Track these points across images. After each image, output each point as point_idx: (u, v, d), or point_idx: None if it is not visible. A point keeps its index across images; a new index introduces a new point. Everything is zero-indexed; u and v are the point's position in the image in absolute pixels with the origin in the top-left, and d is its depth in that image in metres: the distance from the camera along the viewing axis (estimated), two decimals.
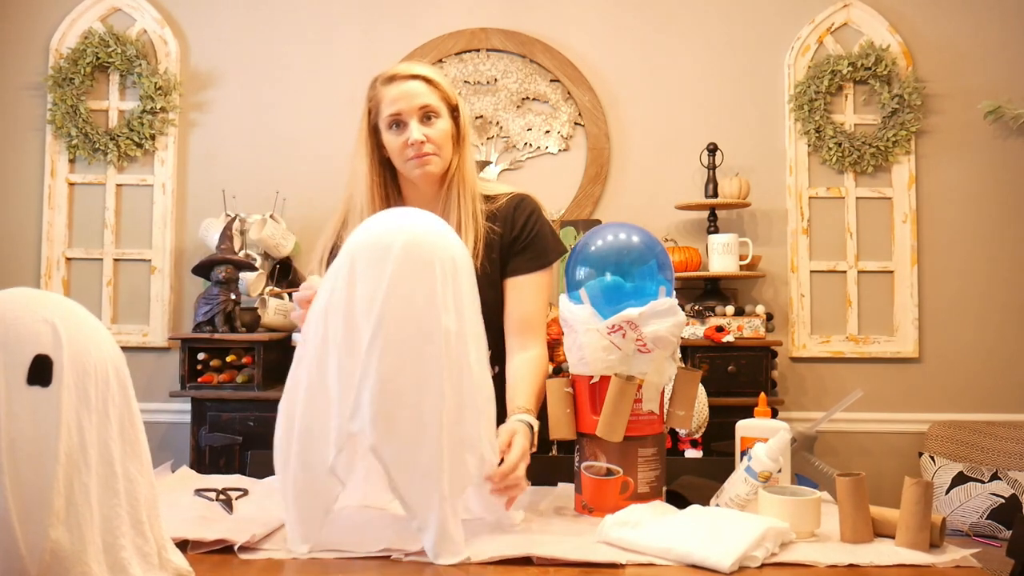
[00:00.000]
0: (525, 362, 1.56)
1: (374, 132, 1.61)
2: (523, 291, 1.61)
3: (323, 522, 1.20)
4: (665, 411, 1.44)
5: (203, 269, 2.91)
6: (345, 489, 1.24)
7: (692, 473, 1.54)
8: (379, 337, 1.14)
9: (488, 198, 1.65)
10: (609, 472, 1.38)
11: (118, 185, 3.33)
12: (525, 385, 1.51)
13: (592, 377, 1.39)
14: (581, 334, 1.39)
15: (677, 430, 2.69)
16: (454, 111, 1.61)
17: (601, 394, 1.37)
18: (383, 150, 1.61)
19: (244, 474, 1.66)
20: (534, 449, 1.41)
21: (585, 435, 1.41)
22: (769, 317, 3.07)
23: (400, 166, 1.60)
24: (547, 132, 3.33)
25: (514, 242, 1.63)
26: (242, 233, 3.08)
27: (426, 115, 1.57)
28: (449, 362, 1.17)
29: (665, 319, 1.36)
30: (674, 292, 1.42)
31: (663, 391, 1.43)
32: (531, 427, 1.41)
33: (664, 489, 1.43)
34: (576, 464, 1.42)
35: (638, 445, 1.38)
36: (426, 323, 1.17)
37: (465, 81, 3.33)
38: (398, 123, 1.57)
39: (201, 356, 2.88)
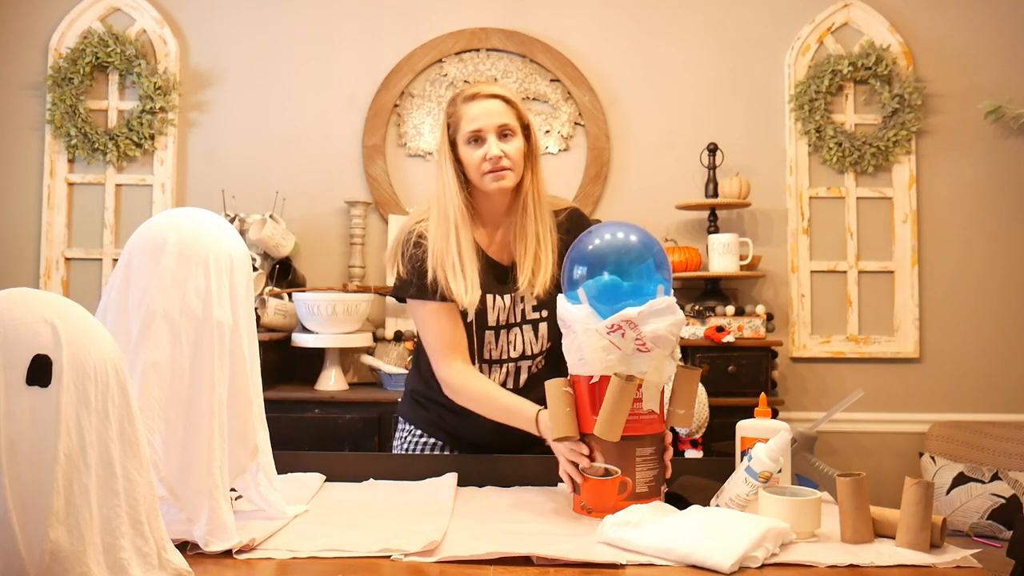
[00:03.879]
0: None
1: (452, 147, 1.68)
2: None
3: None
4: (665, 410, 1.44)
5: None
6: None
7: (692, 473, 1.54)
8: (149, 328, 1.17)
9: (556, 214, 1.74)
10: (607, 472, 1.38)
11: (117, 185, 3.32)
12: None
13: (592, 377, 1.39)
14: (580, 334, 1.39)
15: (677, 430, 2.69)
16: (527, 129, 1.70)
17: (601, 394, 1.37)
18: (459, 164, 1.68)
19: None
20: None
21: (584, 435, 1.41)
22: (769, 317, 3.07)
23: (476, 180, 1.66)
24: (547, 132, 3.33)
25: None
26: (242, 233, 3.08)
27: (503, 133, 1.65)
28: (223, 353, 1.20)
29: (664, 318, 1.36)
30: (672, 291, 1.42)
31: (663, 390, 1.43)
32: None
33: (663, 489, 1.43)
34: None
35: (636, 445, 1.38)
36: (199, 316, 1.20)
37: (465, 81, 3.33)
38: (478, 139, 1.65)
39: None
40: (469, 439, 1.74)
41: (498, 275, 1.69)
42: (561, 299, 1.46)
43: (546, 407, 1.45)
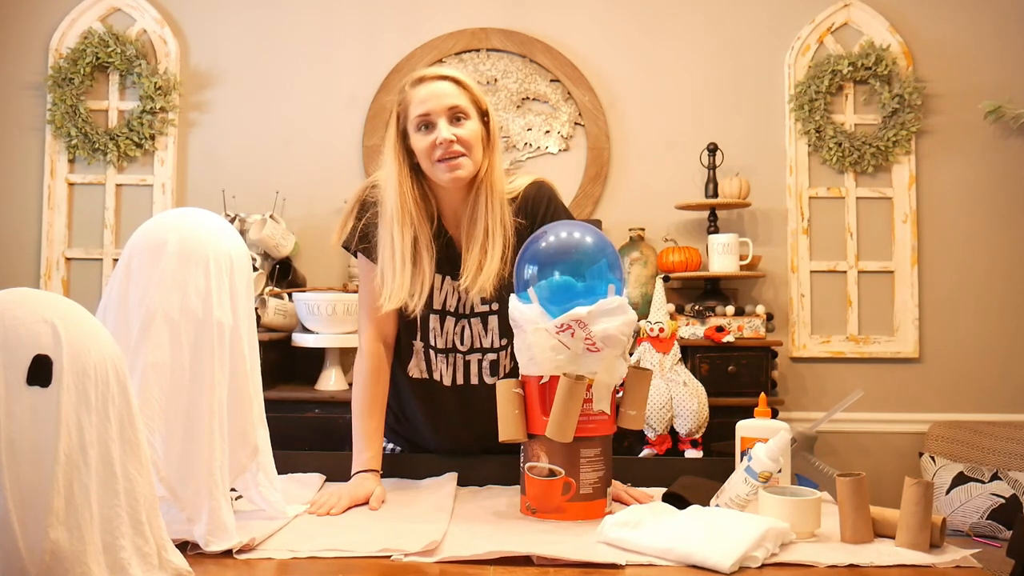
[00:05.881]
0: None
1: (403, 137, 1.58)
2: None
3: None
4: (617, 411, 1.43)
5: None
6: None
7: (692, 473, 1.54)
8: (149, 328, 1.17)
9: (512, 199, 1.63)
10: (552, 473, 1.37)
11: (118, 185, 3.33)
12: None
13: (542, 377, 1.37)
14: (530, 333, 1.37)
15: (678, 430, 2.69)
16: (484, 115, 1.59)
17: (551, 394, 1.35)
18: (413, 156, 1.58)
19: None
20: None
21: (533, 436, 1.39)
22: (769, 317, 3.07)
23: (428, 169, 1.56)
24: (547, 132, 3.33)
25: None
26: (242, 233, 3.08)
27: (455, 116, 1.54)
28: (223, 353, 1.21)
29: (614, 317, 1.34)
30: (624, 292, 1.40)
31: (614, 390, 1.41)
32: None
33: (610, 491, 1.42)
34: (521, 465, 1.42)
35: (580, 446, 1.36)
36: (199, 316, 1.20)
37: None
38: (427, 124, 1.54)
39: None
40: (421, 445, 1.72)
41: (452, 259, 1.61)
42: (513, 299, 1.43)
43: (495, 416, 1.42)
